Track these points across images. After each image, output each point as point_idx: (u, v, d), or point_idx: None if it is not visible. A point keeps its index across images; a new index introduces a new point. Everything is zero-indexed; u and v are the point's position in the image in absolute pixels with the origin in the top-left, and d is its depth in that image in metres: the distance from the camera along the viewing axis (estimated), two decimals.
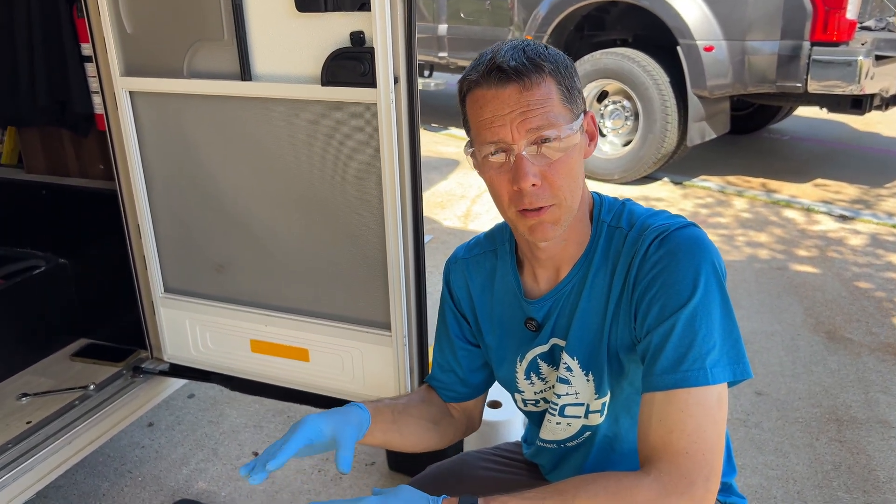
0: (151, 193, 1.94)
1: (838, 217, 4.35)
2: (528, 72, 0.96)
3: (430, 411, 1.23)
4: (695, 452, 0.91)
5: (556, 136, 0.96)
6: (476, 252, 1.22)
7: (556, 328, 1.12)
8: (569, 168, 0.99)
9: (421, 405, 1.23)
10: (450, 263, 1.24)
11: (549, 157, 0.98)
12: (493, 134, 0.98)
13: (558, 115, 0.97)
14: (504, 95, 0.96)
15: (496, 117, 0.97)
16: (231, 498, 2.13)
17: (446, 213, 4.54)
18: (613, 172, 4.96)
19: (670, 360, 0.94)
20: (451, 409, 1.28)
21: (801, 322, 3.10)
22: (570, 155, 0.99)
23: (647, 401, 0.96)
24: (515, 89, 0.96)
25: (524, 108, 0.96)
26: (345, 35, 1.56)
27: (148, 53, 1.78)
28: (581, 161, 1.02)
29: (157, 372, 2.11)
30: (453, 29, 5.91)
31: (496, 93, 0.97)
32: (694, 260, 0.96)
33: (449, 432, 1.24)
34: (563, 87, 0.98)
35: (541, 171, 0.98)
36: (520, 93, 0.96)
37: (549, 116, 0.96)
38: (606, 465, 1.16)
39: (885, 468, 2.19)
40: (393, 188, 1.62)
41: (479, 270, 1.20)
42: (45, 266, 2.26)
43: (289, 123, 1.69)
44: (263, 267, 1.87)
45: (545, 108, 0.96)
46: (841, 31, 4.06)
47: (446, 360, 1.25)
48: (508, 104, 0.96)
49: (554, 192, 0.99)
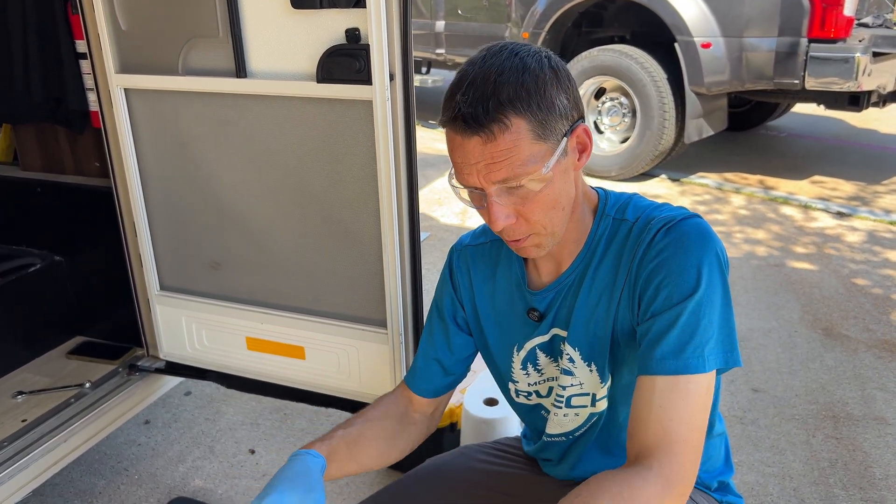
0: (147, 191, 1.93)
1: (835, 214, 4.35)
2: (489, 122, 0.90)
3: (387, 427, 1.22)
4: (690, 440, 0.93)
5: (524, 183, 0.94)
6: (482, 240, 1.22)
7: (557, 318, 1.12)
8: (546, 201, 0.98)
9: (377, 423, 1.22)
10: (454, 250, 1.25)
11: (523, 195, 0.96)
12: (463, 179, 0.98)
13: (527, 159, 0.93)
14: (469, 146, 0.93)
15: (464, 164, 0.96)
16: (227, 496, 2.12)
17: (444, 209, 4.54)
18: (611, 169, 4.96)
19: (673, 346, 0.95)
20: (412, 413, 1.27)
21: (798, 319, 3.10)
22: (546, 190, 0.97)
23: (647, 384, 0.97)
24: (478, 141, 0.92)
25: (488, 160, 0.93)
26: (340, 32, 1.55)
27: (143, 50, 1.78)
28: (564, 182, 0.99)
29: (153, 370, 2.11)
30: (451, 25, 5.90)
31: (461, 141, 0.94)
32: (701, 250, 0.98)
33: (408, 443, 1.25)
34: (534, 123, 0.92)
35: (516, 210, 0.98)
36: (483, 145, 0.92)
37: (515, 166, 0.93)
38: (605, 448, 1.18)
39: (881, 465, 2.20)
40: (389, 185, 1.61)
41: (483, 259, 1.21)
42: (41, 264, 2.26)
43: (284, 121, 1.69)
44: (259, 264, 1.87)
45: (511, 158, 0.92)
46: (838, 28, 4.06)
47: (435, 346, 1.26)
48: (474, 154, 0.93)
49: (531, 225, 0.99)
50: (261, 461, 2.27)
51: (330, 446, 1.14)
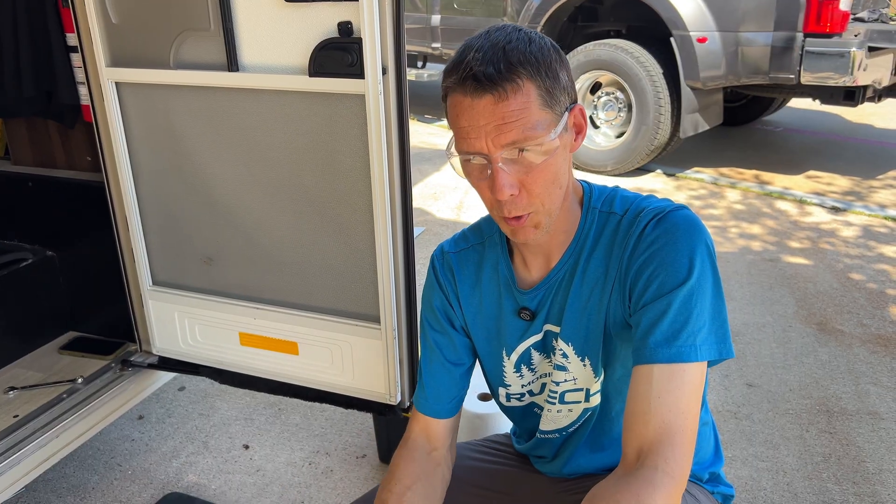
0: (139, 185, 1.92)
1: (830, 209, 4.36)
2: (502, 81, 0.92)
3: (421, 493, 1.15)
4: (687, 429, 0.94)
5: (535, 147, 0.94)
6: (462, 246, 1.21)
7: (549, 315, 1.12)
8: (548, 173, 0.97)
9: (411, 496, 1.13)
10: (435, 258, 1.23)
11: (527, 165, 0.96)
12: (469, 145, 0.96)
13: (536, 124, 0.93)
14: (479, 106, 0.93)
15: (472, 127, 0.95)
16: (221, 491, 2.12)
17: (439, 204, 4.53)
18: (606, 164, 4.96)
19: (665, 334, 0.96)
20: (433, 454, 1.20)
21: (792, 313, 3.10)
22: (549, 161, 0.97)
23: (644, 374, 0.96)
24: (490, 100, 0.92)
25: (499, 120, 0.92)
26: (332, 25, 1.54)
27: (134, 44, 1.76)
28: (564, 160, 1.00)
29: (146, 365, 2.10)
30: (446, 19, 5.88)
31: (471, 102, 0.94)
32: (690, 240, 0.98)
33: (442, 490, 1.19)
34: (543, 90, 0.94)
35: (519, 180, 0.97)
36: (494, 104, 0.92)
37: (526, 128, 0.93)
38: (598, 443, 1.17)
39: (875, 459, 2.20)
40: (381, 180, 1.60)
41: (466, 264, 1.19)
42: (33, 258, 2.25)
43: (276, 114, 1.68)
44: (252, 259, 1.86)
45: (521, 120, 0.93)
46: (834, 23, 4.06)
47: (439, 358, 1.21)
48: (484, 115, 0.93)
49: (531, 199, 0.98)
50: (255, 456, 2.26)
51: None
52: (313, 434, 2.36)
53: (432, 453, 1.20)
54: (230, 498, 2.09)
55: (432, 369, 1.21)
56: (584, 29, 5.34)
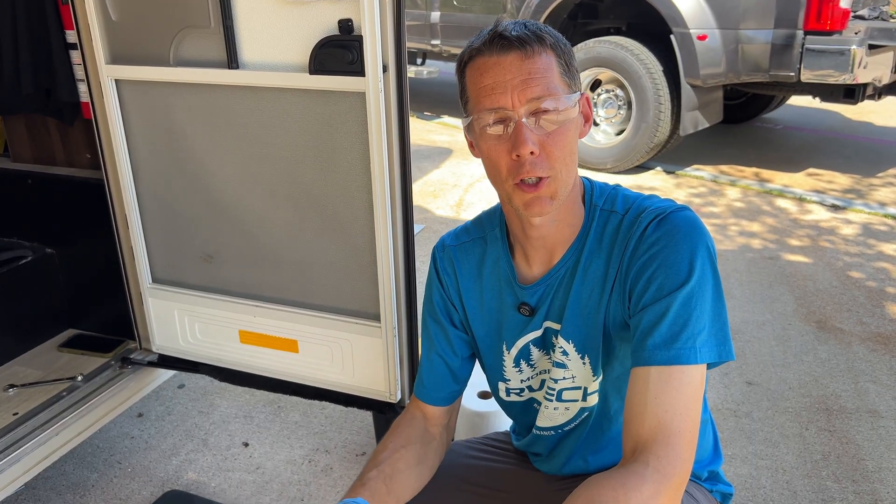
0: (138, 183, 1.92)
1: (830, 207, 4.36)
2: (530, 41, 0.97)
3: (414, 452, 1.19)
4: (685, 430, 0.93)
5: (555, 108, 0.97)
6: (464, 239, 1.21)
7: (549, 312, 1.12)
8: (566, 140, 0.99)
9: (404, 452, 1.18)
10: (437, 251, 1.23)
11: (546, 129, 0.98)
12: (493, 101, 0.98)
13: (557, 86, 0.98)
14: (506, 62, 0.97)
15: (497, 84, 0.97)
16: (221, 489, 2.12)
17: (438, 202, 4.52)
18: (606, 161, 4.96)
19: (664, 336, 0.96)
20: (431, 429, 1.24)
21: (792, 312, 3.10)
22: (568, 128, 0.99)
23: (641, 376, 0.96)
24: (518, 56, 0.97)
25: (525, 75, 0.96)
26: (333, 23, 1.54)
27: (134, 41, 1.76)
28: (576, 138, 1.02)
29: (146, 363, 2.10)
30: (446, 16, 5.87)
31: (498, 59, 0.97)
32: (691, 242, 0.98)
33: (436, 460, 1.23)
34: (562, 62, 0.99)
35: (539, 141, 0.98)
36: (521, 60, 0.97)
37: (549, 86, 0.97)
38: (596, 444, 1.17)
39: (874, 458, 2.20)
40: (382, 177, 1.60)
41: (467, 258, 1.19)
42: (32, 256, 2.24)
43: (276, 112, 1.68)
44: (251, 257, 1.86)
45: (546, 78, 0.97)
46: (834, 20, 4.05)
47: (438, 351, 1.23)
48: (510, 70, 0.97)
49: (551, 163, 0.99)
50: (254, 454, 2.26)
51: (371, 490, 1.11)
52: (313, 432, 2.36)
53: (430, 429, 1.24)
54: (230, 496, 2.09)
55: (431, 361, 1.24)
56: (584, 26, 5.33)
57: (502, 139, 0.99)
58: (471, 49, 1.01)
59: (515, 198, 1.02)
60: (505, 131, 0.98)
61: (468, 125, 1.04)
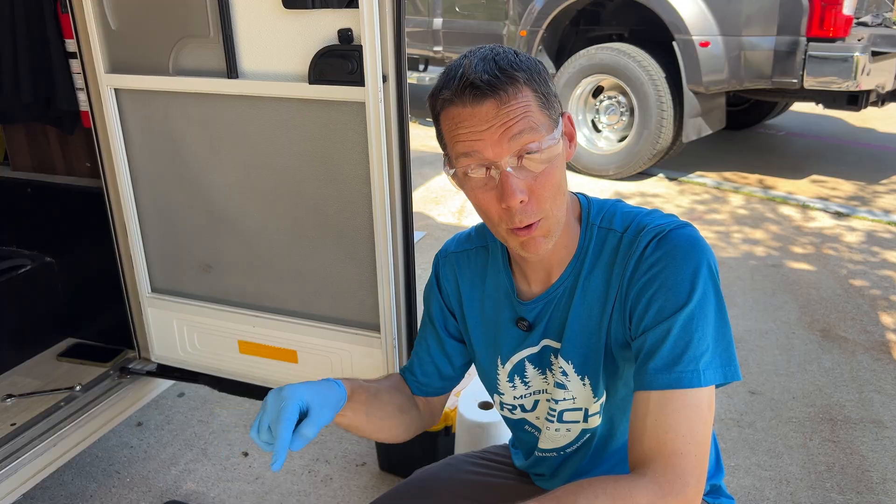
0: (138, 192, 1.91)
1: (834, 214, 4.34)
2: (502, 85, 0.91)
3: (399, 399, 1.20)
4: (688, 453, 0.90)
5: (539, 148, 0.93)
6: (467, 247, 1.20)
7: (547, 329, 1.10)
8: (554, 180, 0.96)
9: (392, 391, 1.20)
10: (439, 257, 1.22)
11: (533, 171, 0.94)
12: (474, 153, 0.94)
13: (539, 124, 0.93)
14: (481, 113, 0.92)
15: (474, 134, 0.93)
16: (220, 499, 2.11)
17: (440, 208, 4.52)
18: (609, 168, 4.94)
19: (665, 360, 0.94)
20: (416, 401, 1.26)
21: (795, 320, 3.08)
22: (555, 165, 0.96)
23: (642, 400, 0.95)
24: (493, 104, 0.91)
25: (503, 123, 0.91)
26: (332, 32, 1.53)
27: (133, 50, 1.75)
28: (564, 169, 1.00)
29: (145, 372, 2.09)
30: (448, 23, 5.88)
31: (472, 111, 0.92)
32: (692, 261, 0.96)
33: (413, 424, 1.22)
34: (539, 94, 0.94)
35: (527, 186, 0.94)
36: (497, 107, 0.91)
37: (531, 127, 0.92)
38: (601, 466, 1.15)
39: (879, 469, 2.18)
40: (381, 187, 1.59)
41: (469, 266, 1.18)
42: (31, 265, 2.24)
43: (276, 122, 1.67)
44: (251, 267, 1.85)
45: (525, 119, 0.92)
46: (837, 27, 4.04)
47: (430, 353, 1.23)
48: (487, 120, 0.92)
49: (541, 206, 0.96)
50: (254, 464, 2.25)
51: (353, 387, 1.09)
52: (313, 442, 2.35)
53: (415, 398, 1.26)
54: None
55: (421, 357, 1.25)
56: (586, 32, 5.33)
57: (489, 186, 0.96)
58: (441, 99, 0.95)
59: (511, 241, 1.01)
60: (489, 177, 0.95)
61: (453, 174, 0.99)
